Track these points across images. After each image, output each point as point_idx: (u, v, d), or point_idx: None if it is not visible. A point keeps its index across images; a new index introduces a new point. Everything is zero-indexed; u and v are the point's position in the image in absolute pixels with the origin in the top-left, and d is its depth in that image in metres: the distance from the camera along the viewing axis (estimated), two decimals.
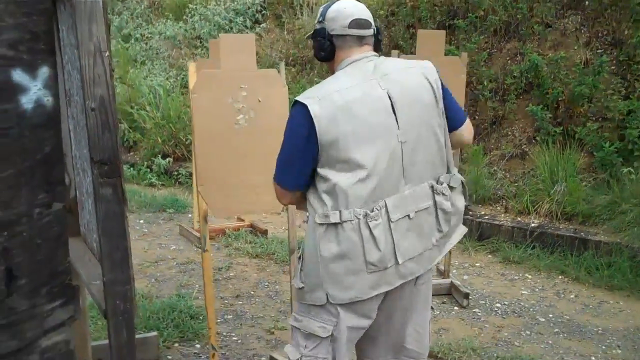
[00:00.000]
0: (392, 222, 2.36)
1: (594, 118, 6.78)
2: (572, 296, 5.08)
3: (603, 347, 4.21)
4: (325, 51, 2.52)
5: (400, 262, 2.39)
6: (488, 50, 8.07)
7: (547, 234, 5.86)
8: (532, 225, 6.03)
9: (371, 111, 2.34)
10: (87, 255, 2.86)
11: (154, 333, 3.98)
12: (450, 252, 4.40)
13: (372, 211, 2.33)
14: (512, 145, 7.20)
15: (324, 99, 2.33)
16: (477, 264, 5.76)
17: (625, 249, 5.33)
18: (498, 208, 6.57)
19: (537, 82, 7.31)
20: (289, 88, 10.34)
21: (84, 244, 3.04)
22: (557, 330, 4.47)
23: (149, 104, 10.08)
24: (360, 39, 2.50)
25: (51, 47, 1.98)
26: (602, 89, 6.71)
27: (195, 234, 6.28)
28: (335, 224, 2.34)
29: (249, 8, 11.72)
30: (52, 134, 1.98)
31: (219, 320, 4.51)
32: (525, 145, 7.12)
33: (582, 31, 7.57)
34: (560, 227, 5.97)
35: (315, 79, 9.57)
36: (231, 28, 11.46)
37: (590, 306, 4.88)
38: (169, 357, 3.98)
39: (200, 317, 4.40)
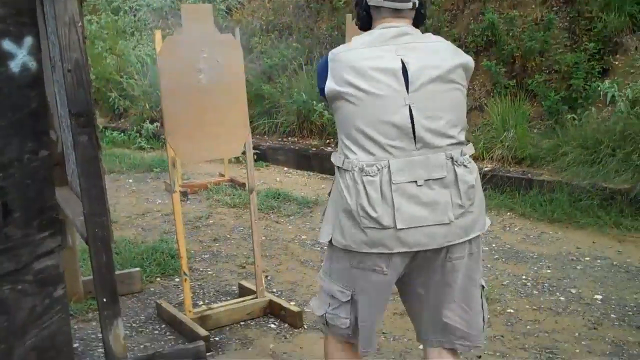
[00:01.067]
0: (393, 183, 2.29)
1: (547, 71, 7.30)
2: (516, 229, 5.66)
3: (535, 268, 4.78)
4: (361, 21, 2.54)
5: (399, 227, 2.29)
6: (453, 11, 8.55)
7: (498, 177, 6.43)
8: (485, 169, 6.58)
9: (376, 70, 2.35)
10: (73, 199, 3.40)
11: (137, 269, 4.55)
12: None
13: (371, 166, 2.32)
14: (471, 98, 7.70)
15: (337, 54, 2.47)
16: None
17: (565, 186, 5.90)
18: None
19: (494, 39, 7.80)
20: (266, 52, 10.72)
21: (70, 191, 3.58)
22: (497, 256, 5.04)
23: (137, 72, 10.58)
24: (397, 12, 2.45)
25: (34, 21, 2.43)
26: (552, 44, 7.23)
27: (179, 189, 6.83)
28: (344, 169, 2.39)
29: None
30: (36, 92, 2.41)
31: (197, 259, 5.10)
32: (484, 99, 7.65)
33: None
34: (511, 169, 6.54)
35: (294, 44, 10.05)
36: None
37: (531, 236, 5.46)
38: (152, 289, 4.56)
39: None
